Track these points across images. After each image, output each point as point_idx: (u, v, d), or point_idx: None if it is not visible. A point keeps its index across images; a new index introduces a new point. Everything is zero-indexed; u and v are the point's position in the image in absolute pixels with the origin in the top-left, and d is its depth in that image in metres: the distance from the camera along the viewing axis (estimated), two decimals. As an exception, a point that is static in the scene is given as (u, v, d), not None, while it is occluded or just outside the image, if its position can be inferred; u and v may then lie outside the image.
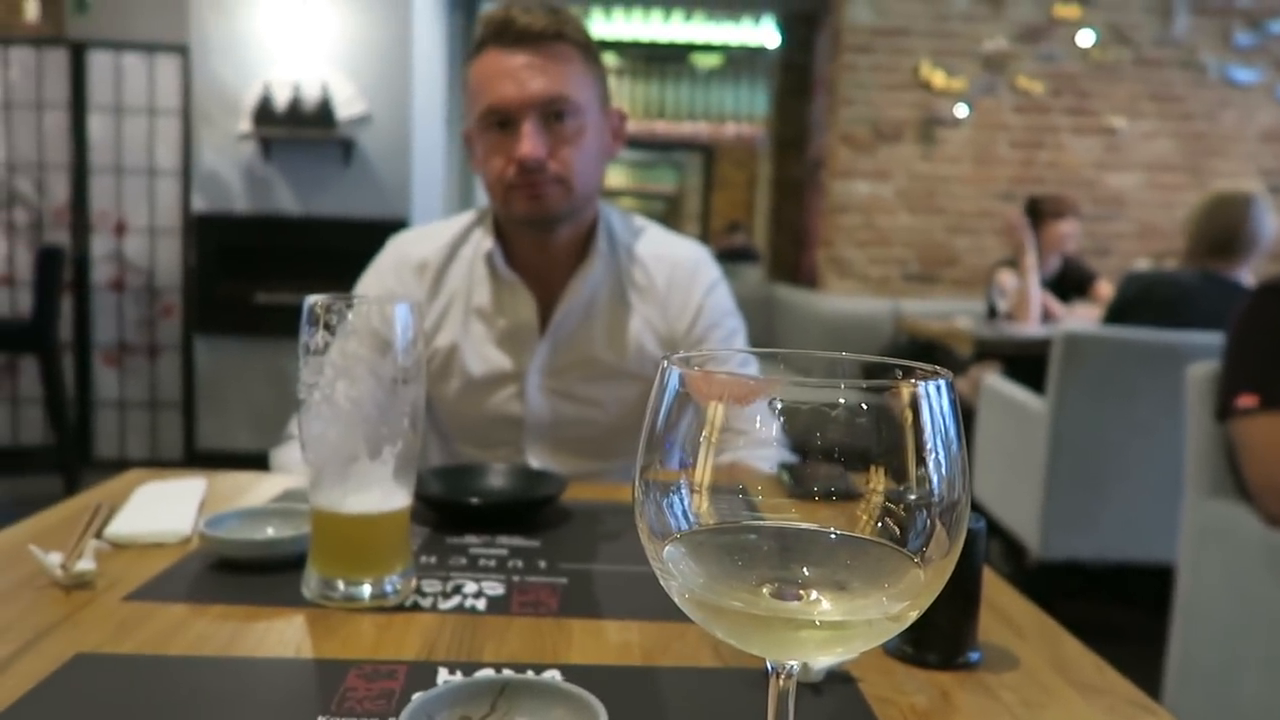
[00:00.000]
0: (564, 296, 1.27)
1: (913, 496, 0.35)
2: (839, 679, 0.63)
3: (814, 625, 0.36)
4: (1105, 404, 2.54)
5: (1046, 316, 3.76)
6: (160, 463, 4.29)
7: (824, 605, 0.37)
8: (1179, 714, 1.75)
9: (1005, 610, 0.77)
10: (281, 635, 0.67)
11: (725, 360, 0.43)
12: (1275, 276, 1.66)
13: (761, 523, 0.38)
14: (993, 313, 3.94)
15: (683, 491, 0.37)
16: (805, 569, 0.38)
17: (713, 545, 0.38)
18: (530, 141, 1.14)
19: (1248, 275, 2.60)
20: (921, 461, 0.35)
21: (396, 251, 1.32)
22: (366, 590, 0.73)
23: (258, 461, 1.30)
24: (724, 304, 1.33)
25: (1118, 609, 3.00)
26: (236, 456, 4.18)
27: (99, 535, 0.83)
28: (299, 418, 0.72)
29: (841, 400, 0.35)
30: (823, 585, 0.38)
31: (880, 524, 0.36)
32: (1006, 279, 3.87)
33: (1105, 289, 3.93)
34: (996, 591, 0.81)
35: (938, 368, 0.37)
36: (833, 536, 0.37)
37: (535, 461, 1.28)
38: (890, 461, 0.35)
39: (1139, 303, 2.72)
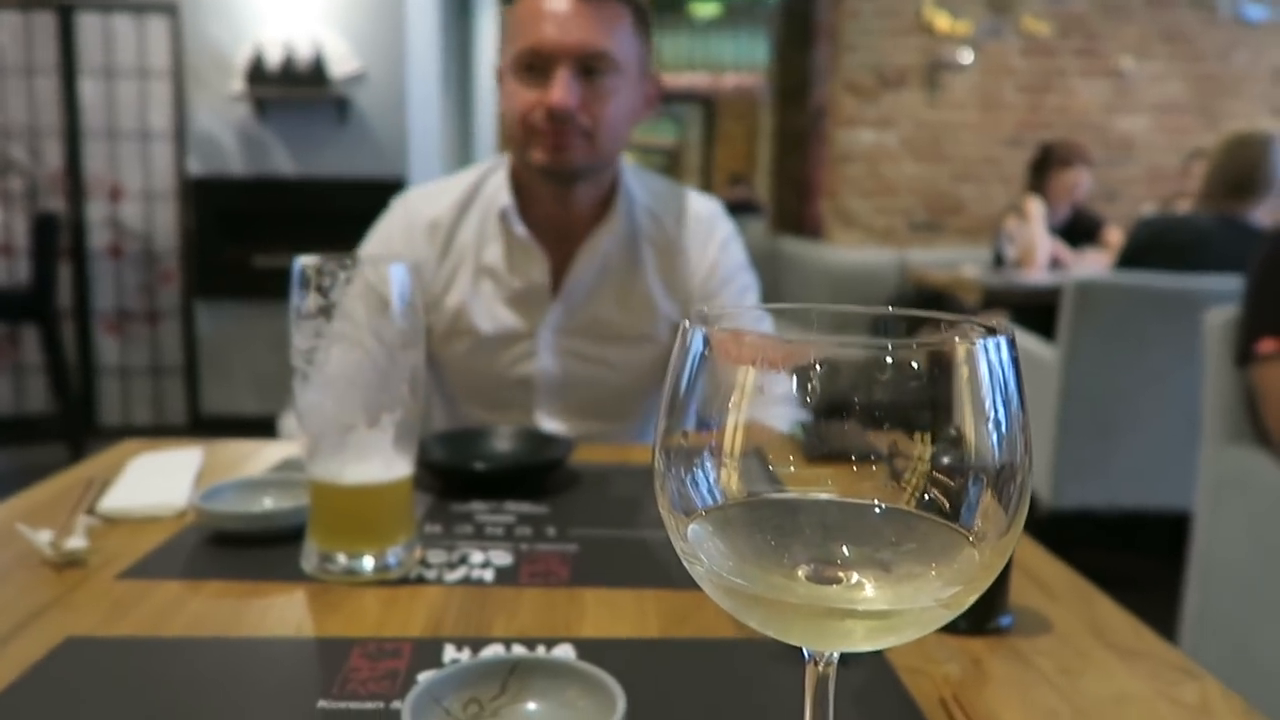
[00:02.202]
0: (579, 257, 1.23)
1: (969, 466, 0.31)
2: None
3: (856, 614, 0.32)
4: (1117, 351, 2.50)
5: (1055, 264, 3.71)
6: (165, 428, 4.28)
7: (868, 590, 0.33)
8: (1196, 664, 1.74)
9: (1034, 570, 0.74)
10: (281, 612, 0.64)
11: (751, 319, 0.39)
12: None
13: (797, 496, 0.34)
14: (999, 261, 3.88)
15: (707, 463, 0.33)
16: (846, 548, 0.34)
17: (742, 522, 0.34)
18: (562, 90, 1.09)
19: (1264, 217, 2.54)
20: (980, 427, 0.31)
21: (405, 212, 1.27)
22: (368, 563, 0.70)
23: (263, 425, 1.27)
24: (738, 259, 1.31)
25: (1128, 557, 2.99)
26: (242, 421, 4.17)
27: (91, 511, 0.80)
28: (293, 386, 0.69)
29: (889, 360, 0.31)
30: (866, 566, 0.33)
31: (929, 496, 0.31)
32: (1013, 227, 3.81)
33: (1114, 235, 3.86)
34: (1024, 550, 0.78)
35: (998, 322, 0.33)
36: (877, 511, 0.33)
37: (545, 423, 1.25)
38: (943, 426, 0.31)
39: (1153, 247, 2.67)
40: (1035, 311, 3.12)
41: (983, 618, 0.63)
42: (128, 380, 4.32)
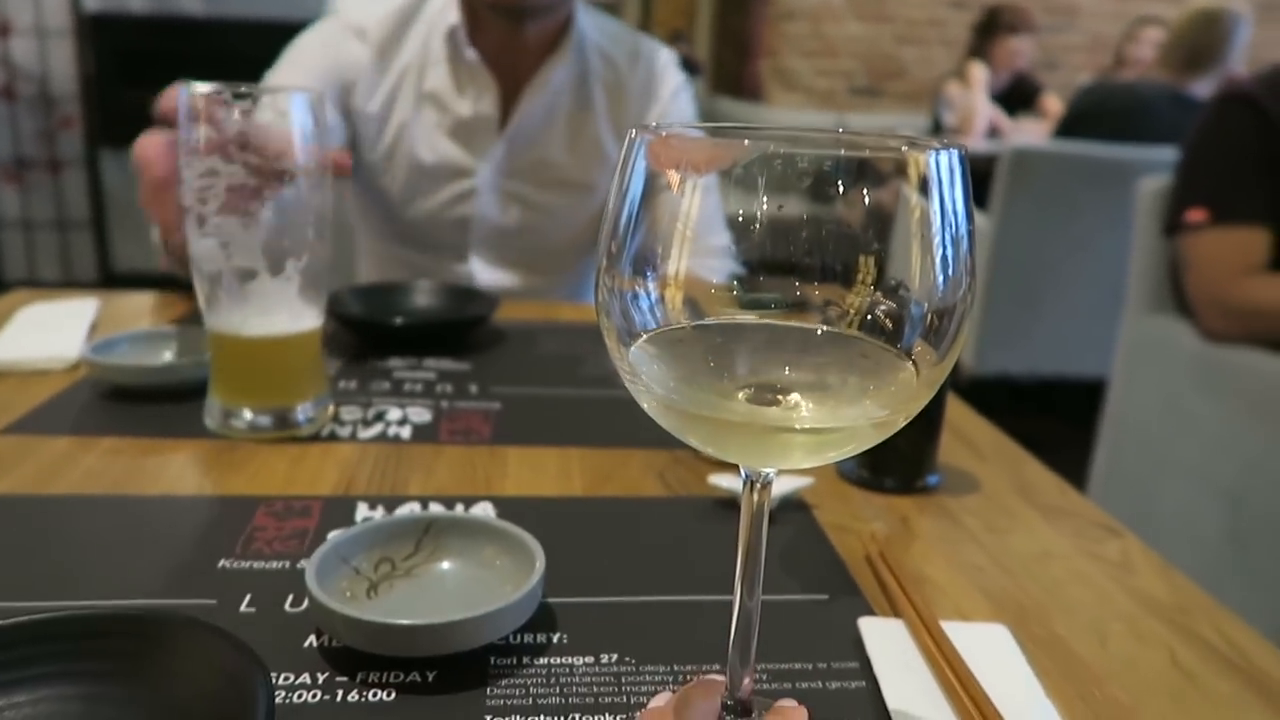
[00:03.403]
0: (528, 90, 1.16)
1: (912, 292, 0.30)
2: (793, 506, 0.59)
3: (794, 430, 0.32)
4: (1048, 220, 2.51)
5: (993, 132, 3.69)
6: (74, 285, 4.09)
7: (805, 410, 0.32)
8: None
9: (963, 430, 0.74)
10: (181, 471, 0.60)
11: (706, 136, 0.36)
12: (1234, 87, 1.59)
13: (740, 319, 0.33)
14: (937, 127, 3.84)
15: (651, 286, 0.32)
16: (786, 369, 0.34)
17: (685, 345, 0.33)
18: None
19: (1205, 90, 2.54)
20: (926, 253, 0.29)
21: (335, 19, 1.16)
22: (274, 420, 0.66)
23: (181, 286, 1.19)
24: (688, 111, 1.26)
25: (1044, 421, 3.10)
26: (157, 279, 4.00)
27: (-29, 363, 0.74)
28: (185, 228, 0.63)
29: (840, 183, 0.28)
30: (805, 388, 0.33)
31: (871, 318, 0.31)
32: (954, 92, 3.75)
33: (1052, 103, 3.84)
34: (955, 411, 0.77)
35: (949, 140, 0.31)
36: (818, 333, 0.32)
37: (480, 272, 1.21)
38: (891, 246, 0.29)
39: (1094, 115, 2.66)
40: (971, 179, 3.11)
41: (911, 476, 0.62)
42: (32, 234, 4.09)
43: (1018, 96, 3.88)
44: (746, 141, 0.30)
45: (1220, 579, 1.53)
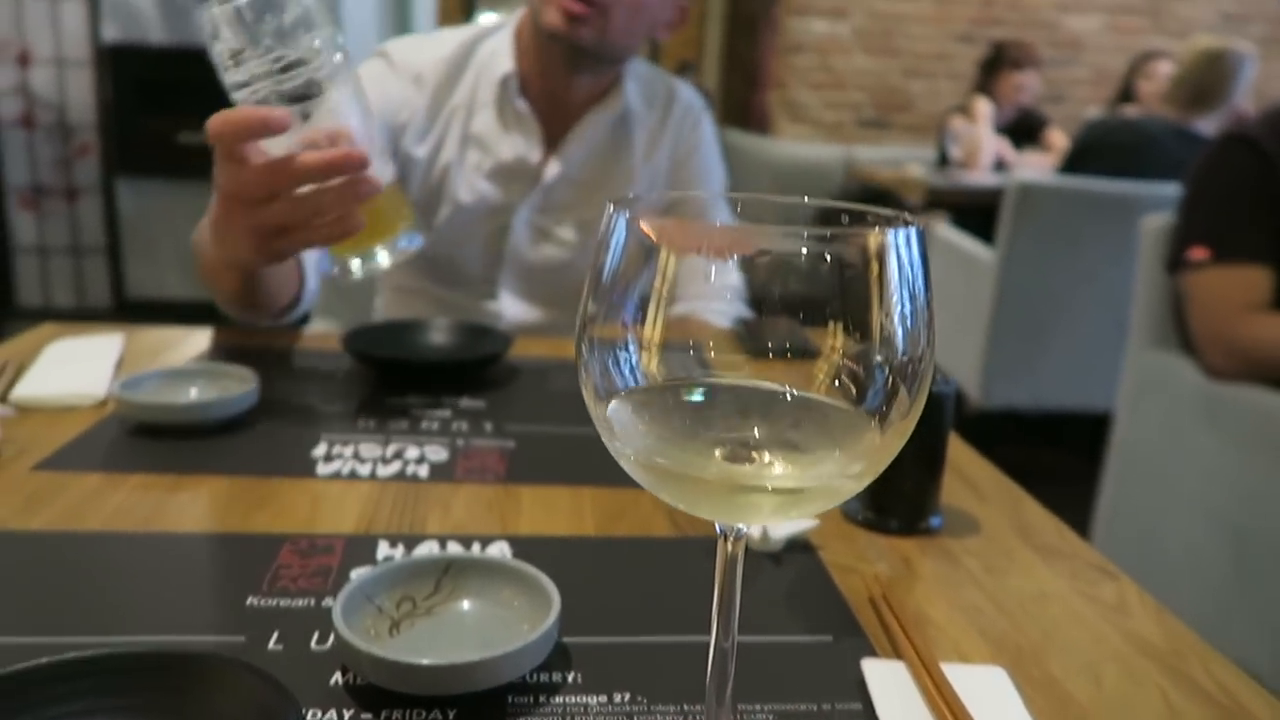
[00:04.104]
0: (571, 138, 1.20)
1: (873, 354, 0.33)
2: (799, 548, 0.60)
3: (765, 489, 0.34)
4: (1053, 254, 2.54)
5: (999, 164, 3.72)
6: (88, 311, 4.13)
7: (776, 468, 0.35)
8: (1106, 551, 1.83)
9: (965, 471, 0.76)
10: (207, 507, 0.62)
11: (686, 205, 0.39)
12: (1238, 128, 1.62)
13: (713, 380, 0.36)
14: (944, 160, 3.88)
15: (630, 348, 0.34)
16: (758, 429, 0.36)
17: (660, 404, 0.35)
18: None
19: (1210, 128, 2.57)
20: (886, 317, 0.32)
21: (387, 61, 1.19)
22: (384, 256, 0.79)
23: (192, 310, 1.23)
24: (715, 155, 1.32)
25: (1049, 453, 3.11)
26: (169, 304, 4.04)
27: (4, 399, 0.77)
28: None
29: (804, 249, 0.31)
30: (776, 446, 0.35)
31: (838, 382, 0.33)
32: (959, 126, 3.79)
33: (1057, 137, 3.88)
34: (956, 451, 0.79)
35: (907, 215, 0.33)
36: (788, 396, 0.35)
37: (508, 305, 1.24)
38: (852, 315, 0.32)
39: (1099, 149, 2.69)
40: (977, 212, 3.14)
41: (914, 518, 0.64)
42: (46, 260, 4.14)
43: (1023, 130, 3.92)
44: (721, 226, 0.32)
45: (1225, 611, 1.54)
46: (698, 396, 0.36)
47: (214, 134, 0.70)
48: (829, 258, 0.32)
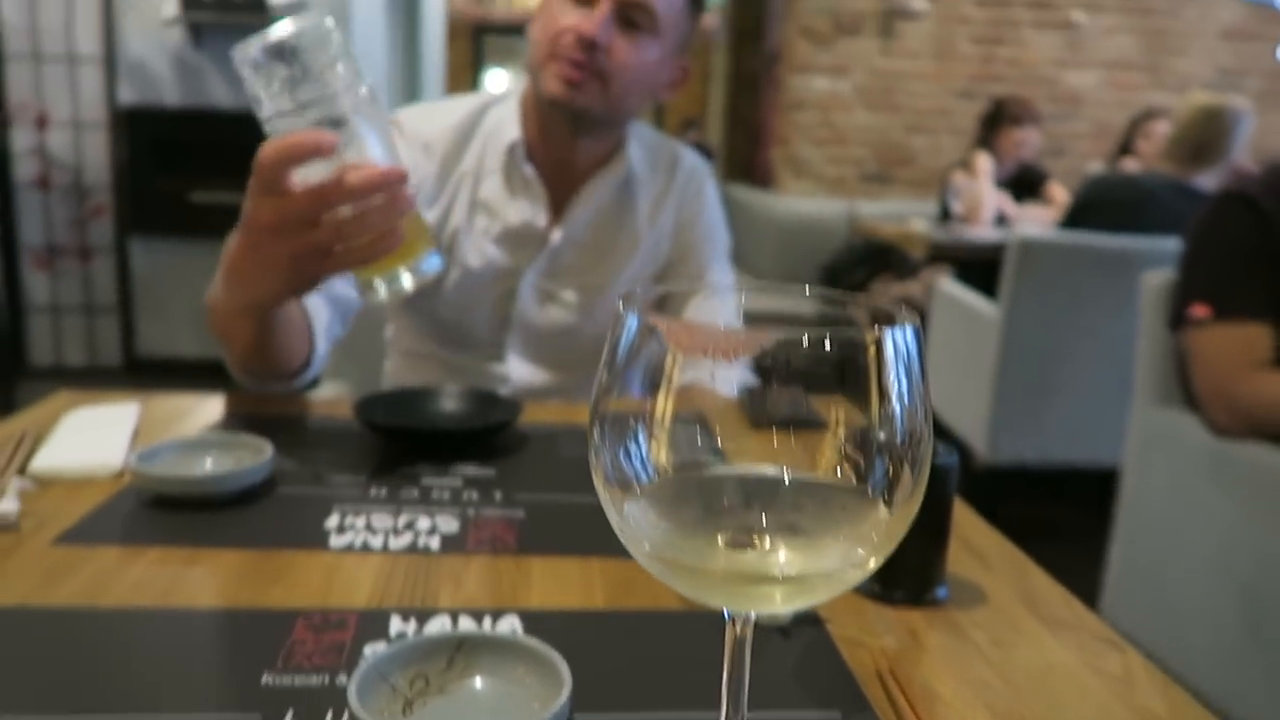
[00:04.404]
0: (577, 201, 1.23)
1: (873, 441, 0.34)
2: (807, 621, 0.61)
3: (773, 579, 0.35)
4: (1056, 309, 2.56)
5: (1001, 219, 3.76)
6: (99, 369, 4.17)
7: (782, 557, 0.36)
8: (1117, 611, 1.82)
9: (971, 539, 0.76)
10: (224, 581, 0.63)
11: (693, 300, 0.41)
12: (1237, 184, 1.64)
13: (720, 469, 0.37)
14: (946, 214, 3.92)
15: (640, 438, 0.35)
16: (764, 517, 0.37)
17: (669, 495, 0.37)
18: (598, 21, 1.09)
19: (1210, 183, 2.60)
20: (884, 407, 0.34)
21: (398, 126, 1.22)
22: (407, 278, 0.81)
23: (201, 369, 1.25)
24: (718, 218, 1.35)
25: (1058, 508, 3.09)
26: (179, 363, 4.08)
27: (23, 471, 0.78)
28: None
29: (803, 347, 0.33)
30: (781, 533, 0.37)
31: (841, 467, 0.35)
32: (960, 181, 3.84)
33: (1057, 191, 3.92)
34: (963, 520, 0.80)
35: (904, 309, 0.36)
36: (793, 480, 0.36)
37: (515, 368, 1.25)
38: (852, 407, 0.34)
39: (1099, 205, 2.72)
40: (980, 267, 3.17)
41: (920, 589, 0.65)
42: (59, 318, 4.19)
43: (1024, 184, 3.97)
44: (726, 331, 0.35)
45: (1238, 672, 1.52)
46: (705, 485, 0.37)
47: (265, 162, 0.74)
48: (831, 349, 0.33)
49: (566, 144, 1.20)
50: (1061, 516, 3.02)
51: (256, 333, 0.92)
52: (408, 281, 0.82)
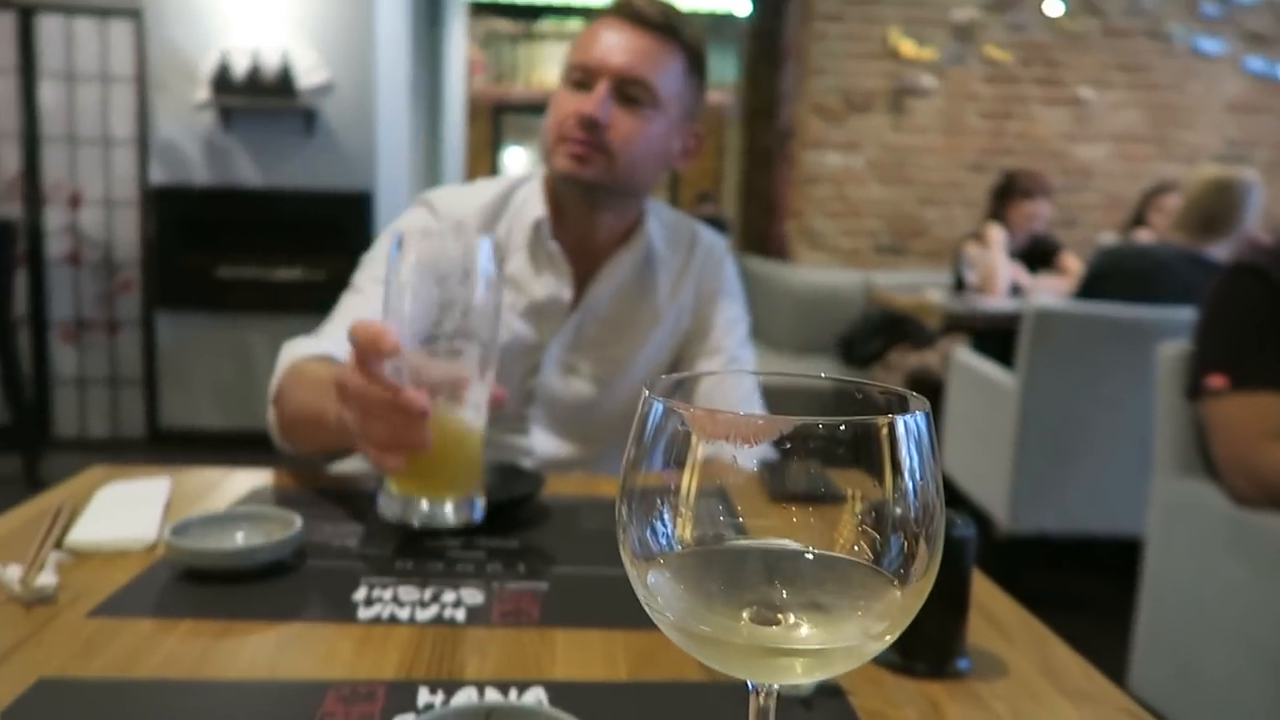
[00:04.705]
0: (600, 276, 1.27)
1: (889, 520, 0.36)
2: (830, 692, 0.62)
3: (794, 652, 0.37)
4: (1073, 379, 2.56)
5: (1015, 289, 3.79)
6: (122, 441, 4.22)
7: (803, 630, 0.37)
8: (1145, 683, 1.78)
9: (991, 611, 0.77)
10: (255, 653, 0.65)
11: (720, 388, 0.43)
12: (1248, 256, 1.66)
13: (741, 543, 0.39)
14: (960, 285, 3.95)
15: (665, 515, 0.38)
16: (784, 591, 0.39)
17: (693, 569, 0.39)
18: (596, 102, 1.14)
19: (1223, 253, 2.62)
20: (899, 490, 0.36)
21: (430, 211, 1.27)
22: (450, 511, 0.79)
23: (224, 440, 1.28)
24: (736, 294, 1.38)
25: (1081, 578, 3.05)
26: (202, 434, 4.12)
27: (59, 544, 0.80)
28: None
29: (820, 432, 0.35)
30: (801, 608, 0.38)
31: (857, 545, 0.37)
32: (974, 252, 3.88)
33: (1071, 261, 3.95)
34: (982, 591, 0.80)
35: (915, 396, 0.38)
36: (811, 557, 0.38)
37: (540, 440, 1.27)
38: (867, 490, 0.36)
39: (1112, 275, 2.74)
40: (996, 336, 3.19)
41: (941, 661, 0.65)
42: (84, 391, 4.25)
43: (1037, 255, 4.00)
44: (746, 418, 0.36)
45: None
46: (728, 560, 0.39)
47: (350, 338, 0.76)
48: (845, 439, 0.35)
49: (585, 220, 1.24)
50: (1086, 587, 2.97)
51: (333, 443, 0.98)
52: (449, 516, 0.80)
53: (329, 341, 1.13)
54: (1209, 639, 1.66)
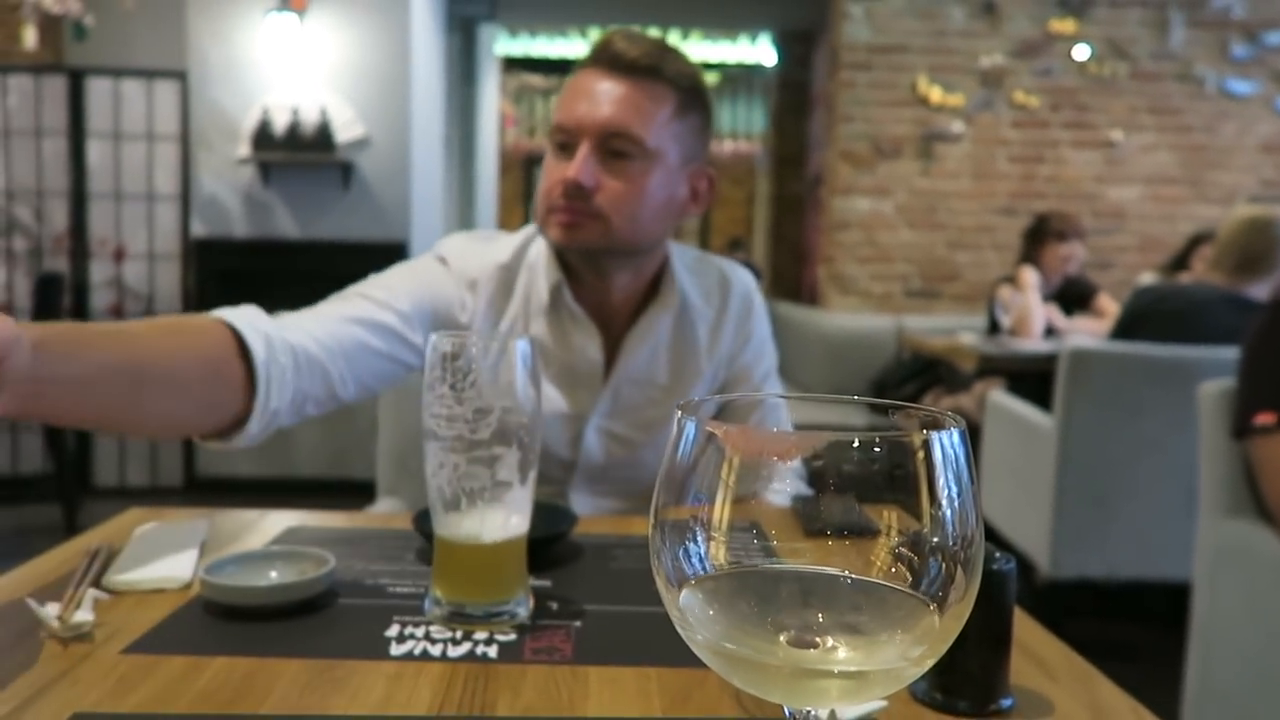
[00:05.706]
0: (631, 339, 1.21)
1: (926, 542, 0.36)
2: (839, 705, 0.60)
3: (831, 674, 0.36)
4: (1112, 420, 2.52)
5: (1050, 331, 3.75)
6: (160, 490, 4.26)
7: (841, 653, 0.37)
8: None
9: (1035, 650, 0.75)
10: (286, 690, 0.64)
11: (752, 419, 0.43)
12: (1286, 292, 1.64)
13: (777, 567, 0.38)
14: (995, 328, 3.92)
15: (698, 537, 0.37)
16: (821, 615, 0.38)
17: (729, 591, 0.38)
18: (580, 166, 1.07)
19: (1263, 293, 2.58)
20: (935, 510, 0.35)
21: (444, 262, 1.21)
22: (499, 611, 0.77)
23: (259, 488, 1.28)
24: (767, 333, 1.32)
25: (1129, 625, 2.97)
26: (238, 482, 4.16)
27: (97, 583, 0.81)
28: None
29: (855, 450, 0.35)
30: (839, 631, 0.38)
31: (894, 568, 0.36)
32: (1007, 295, 3.85)
33: (1107, 303, 3.91)
34: (1025, 630, 0.78)
35: (951, 414, 0.37)
36: (848, 581, 0.37)
37: (578, 501, 1.23)
38: (904, 510, 0.36)
39: (1150, 315, 2.70)
40: (1032, 378, 3.15)
41: (984, 700, 0.63)
42: (124, 440, 4.32)
43: (1072, 297, 3.97)
44: (780, 434, 0.36)
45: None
46: (763, 582, 0.38)
47: None
48: (880, 454, 0.35)
49: (598, 283, 1.18)
50: (1133, 635, 2.89)
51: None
52: (500, 622, 0.76)
53: (288, 324, 1.10)
54: (1265, 690, 1.61)
